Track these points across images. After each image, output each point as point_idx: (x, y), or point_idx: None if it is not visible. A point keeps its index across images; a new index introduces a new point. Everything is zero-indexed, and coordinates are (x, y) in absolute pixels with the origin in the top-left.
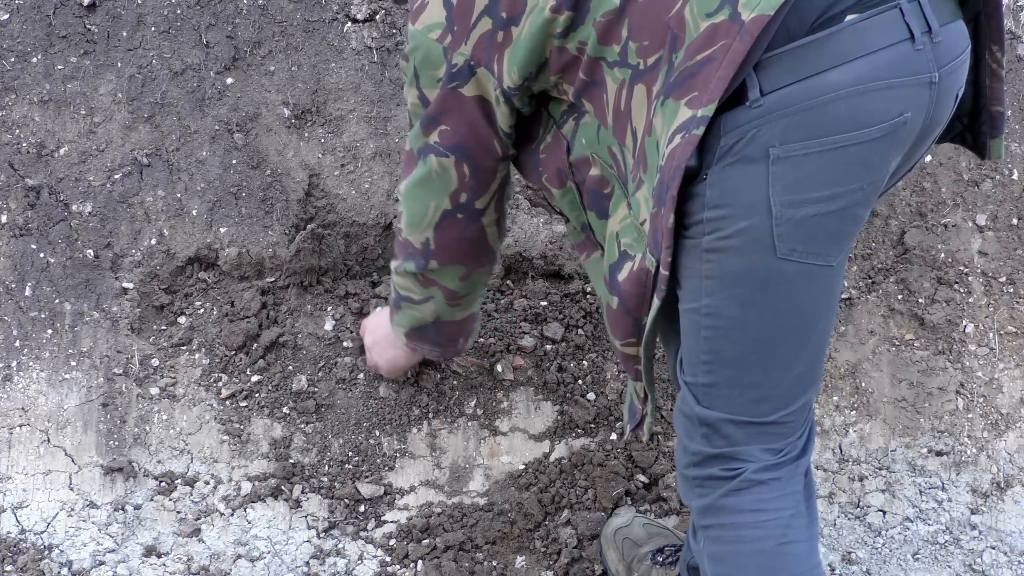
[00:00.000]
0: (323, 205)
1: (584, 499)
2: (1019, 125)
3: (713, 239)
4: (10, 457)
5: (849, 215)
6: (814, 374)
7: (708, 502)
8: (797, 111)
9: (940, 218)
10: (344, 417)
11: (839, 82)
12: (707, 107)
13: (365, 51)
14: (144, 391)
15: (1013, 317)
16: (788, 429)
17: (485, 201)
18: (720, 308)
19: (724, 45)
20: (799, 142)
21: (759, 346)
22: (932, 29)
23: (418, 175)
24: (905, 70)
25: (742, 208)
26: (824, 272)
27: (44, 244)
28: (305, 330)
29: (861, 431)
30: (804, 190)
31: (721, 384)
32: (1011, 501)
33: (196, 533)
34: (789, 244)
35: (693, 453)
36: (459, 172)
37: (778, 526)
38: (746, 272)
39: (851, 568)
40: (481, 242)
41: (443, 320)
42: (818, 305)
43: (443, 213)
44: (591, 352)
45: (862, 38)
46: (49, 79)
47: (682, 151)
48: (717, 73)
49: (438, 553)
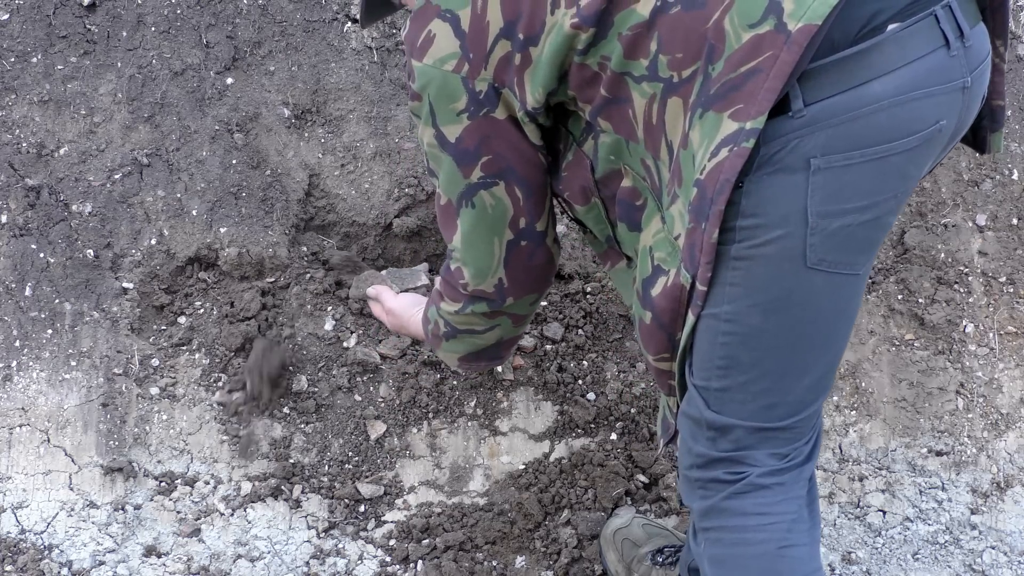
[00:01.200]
0: (323, 205)
1: (584, 499)
2: (1019, 125)
3: (743, 247)
4: (10, 457)
5: (880, 223)
6: (827, 381)
7: (710, 504)
8: (841, 122)
9: (940, 218)
10: (344, 417)
11: (881, 93)
12: (756, 119)
13: (365, 51)
14: (144, 391)
15: (1013, 317)
16: (796, 434)
17: (544, 222)
18: (741, 315)
19: (771, 56)
20: (841, 153)
21: (776, 353)
22: (964, 33)
23: (473, 217)
24: (942, 77)
25: (778, 218)
26: (849, 281)
27: (44, 244)
28: (305, 330)
29: (861, 431)
30: (842, 201)
31: (734, 389)
32: (1011, 501)
33: (196, 533)
34: (819, 254)
35: (697, 455)
36: (512, 197)
37: (780, 530)
38: (773, 281)
39: (851, 568)
40: (550, 264)
41: (504, 339)
42: (840, 314)
43: (508, 245)
44: (591, 352)
45: (903, 47)
46: (49, 79)
47: (731, 164)
48: (765, 84)
49: (438, 553)
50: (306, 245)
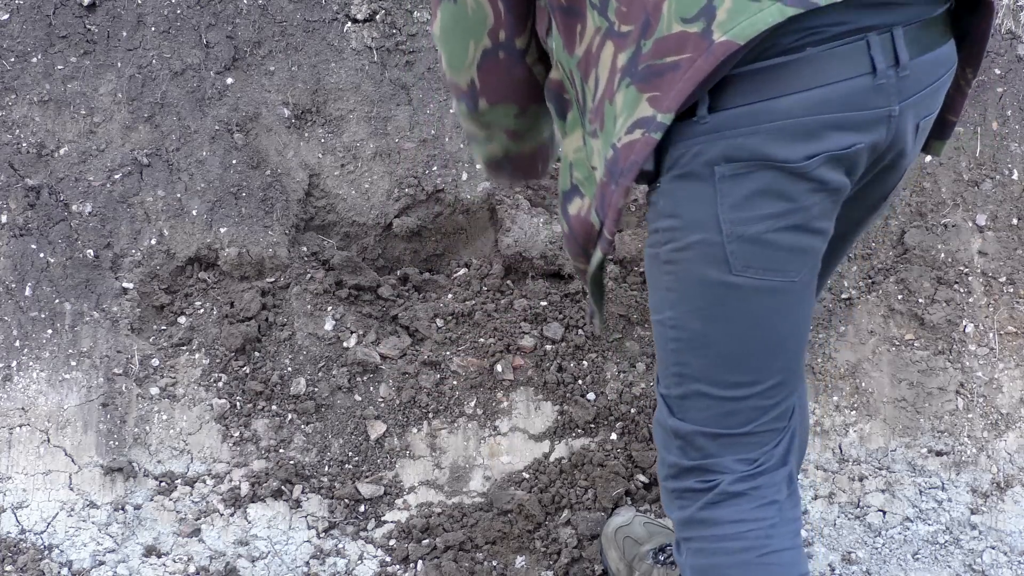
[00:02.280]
0: (323, 205)
1: (584, 499)
2: (1019, 125)
3: (669, 250)
4: (10, 457)
5: (807, 229)
6: (788, 385)
7: (688, 515)
8: (740, 134)
9: (940, 218)
10: (344, 417)
11: (789, 109)
12: (666, 115)
13: (365, 51)
14: (144, 391)
15: (1013, 317)
16: (763, 439)
17: (525, 40)
18: (683, 321)
19: (690, 58)
20: (742, 163)
21: (723, 360)
22: (900, 62)
23: (452, 13)
24: (860, 104)
25: (693, 221)
26: (786, 287)
27: (44, 244)
28: (305, 330)
29: (861, 431)
30: (753, 208)
31: (692, 396)
32: (1011, 501)
33: (196, 533)
34: (743, 261)
35: (670, 465)
36: (494, 8)
37: (758, 536)
38: (702, 287)
39: (851, 568)
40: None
41: (512, 154)
42: (783, 320)
43: (484, 52)
44: (591, 352)
45: (820, 69)
46: (49, 79)
47: (640, 149)
48: (678, 85)
49: (438, 553)
50: (306, 245)
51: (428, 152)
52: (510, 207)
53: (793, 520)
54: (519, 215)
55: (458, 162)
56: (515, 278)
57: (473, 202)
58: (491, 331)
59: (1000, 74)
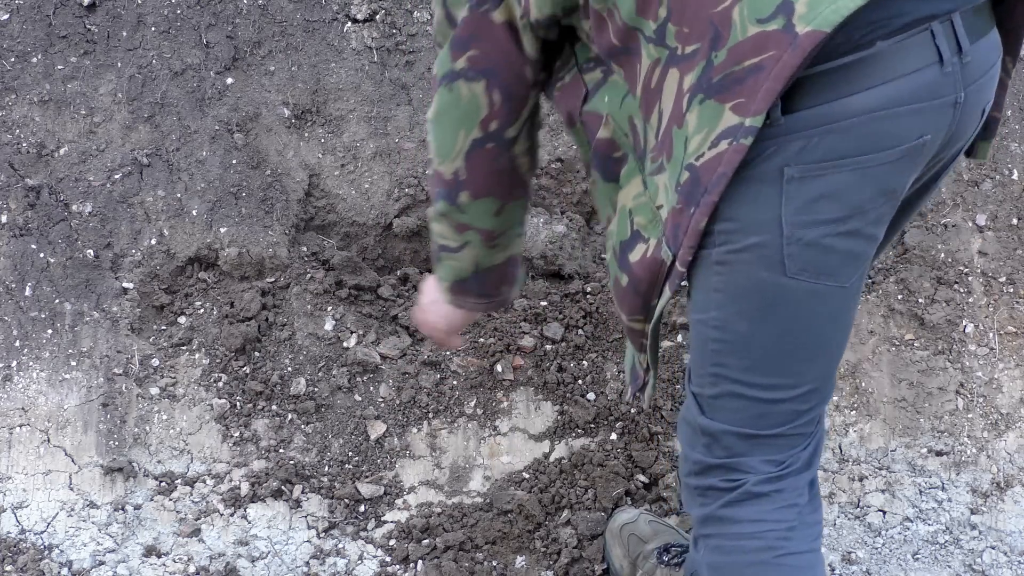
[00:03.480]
0: (323, 205)
1: (584, 499)
2: (1019, 125)
3: (723, 252)
4: (10, 457)
5: (863, 235)
6: (823, 391)
7: (708, 512)
8: (816, 133)
9: (940, 218)
10: (344, 417)
11: (862, 106)
12: (755, 117)
13: (365, 51)
14: (144, 391)
15: (1013, 317)
16: (792, 442)
17: (516, 129)
18: (728, 322)
19: (774, 56)
20: (815, 163)
21: (765, 363)
22: (963, 49)
23: (446, 102)
24: (931, 93)
25: (753, 224)
26: (836, 292)
27: (44, 244)
28: (305, 330)
29: (861, 431)
30: (817, 211)
31: (726, 396)
32: (1011, 501)
33: (196, 533)
34: (799, 264)
35: (694, 462)
36: (489, 99)
37: (776, 538)
38: (755, 288)
39: (851, 568)
40: (514, 174)
41: (482, 268)
42: (829, 325)
43: (473, 142)
44: (591, 352)
45: (890, 63)
46: (49, 79)
47: (730, 158)
48: (765, 84)
49: (438, 553)
50: (306, 245)
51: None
52: None
53: (813, 524)
54: None
55: None
56: None
57: None
58: (491, 331)
59: None
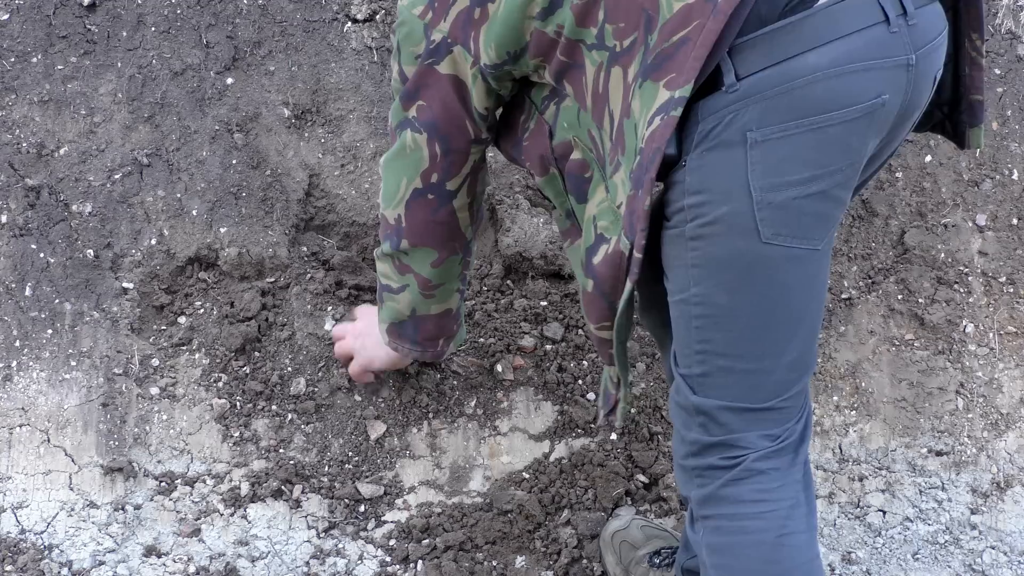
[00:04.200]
0: (323, 205)
1: (584, 499)
2: (1019, 125)
3: (695, 226)
4: (10, 457)
5: (830, 197)
6: (807, 359)
7: (708, 492)
8: (774, 94)
9: (940, 218)
10: (344, 417)
11: (815, 64)
12: (684, 88)
13: (365, 51)
14: (144, 391)
15: (1013, 317)
16: (785, 415)
17: (457, 183)
18: (709, 296)
19: (698, 25)
20: (777, 124)
21: (750, 332)
22: (907, 12)
23: (395, 149)
24: (881, 52)
25: (722, 193)
26: (810, 256)
27: (44, 244)
28: (305, 330)
29: (861, 431)
30: (783, 173)
31: (715, 372)
32: (1011, 501)
33: (196, 533)
34: (772, 228)
35: (691, 443)
36: (431, 151)
37: (778, 517)
38: (732, 258)
39: (851, 568)
40: (452, 226)
41: (419, 314)
42: (807, 289)
43: (414, 191)
44: (591, 352)
45: (836, 21)
46: (49, 79)
47: (661, 133)
48: (692, 53)
49: (438, 553)
50: (306, 245)
51: None
52: (510, 207)
53: (808, 502)
54: (519, 215)
55: None
56: (515, 278)
57: None
58: (491, 331)
59: (1000, 74)
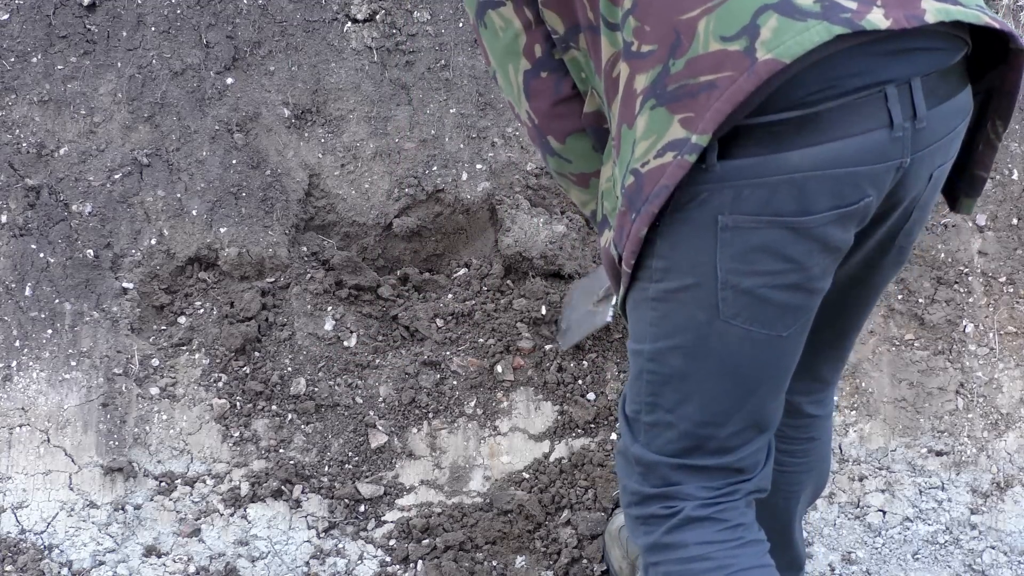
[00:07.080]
0: (323, 205)
1: (584, 499)
2: (1019, 125)
3: (659, 288)
4: (10, 457)
5: (803, 289)
6: (764, 420)
7: (652, 540)
8: (746, 186)
9: (940, 218)
10: (344, 417)
11: (798, 164)
12: (701, 136)
13: (365, 51)
14: (144, 391)
15: (1013, 317)
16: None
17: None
18: (663, 356)
19: (729, 77)
20: (749, 215)
21: (699, 397)
22: (918, 115)
23: (487, 39)
24: (874, 157)
25: (688, 266)
26: (773, 340)
27: (44, 244)
28: (305, 330)
29: (861, 431)
30: (752, 263)
31: (661, 426)
32: (1011, 501)
33: (196, 533)
34: (733, 309)
35: (632, 493)
36: (522, 19)
37: (726, 556)
38: (689, 327)
39: (851, 568)
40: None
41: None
42: (764, 368)
43: (525, 75)
44: (591, 352)
45: (837, 122)
46: (49, 79)
47: (673, 173)
48: (715, 104)
49: (438, 553)
50: (306, 245)
51: (428, 152)
52: (510, 207)
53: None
54: (519, 215)
55: (458, 162)
56: (515, 278)
57: (473, 202)
58: (491, 331)
59: None
